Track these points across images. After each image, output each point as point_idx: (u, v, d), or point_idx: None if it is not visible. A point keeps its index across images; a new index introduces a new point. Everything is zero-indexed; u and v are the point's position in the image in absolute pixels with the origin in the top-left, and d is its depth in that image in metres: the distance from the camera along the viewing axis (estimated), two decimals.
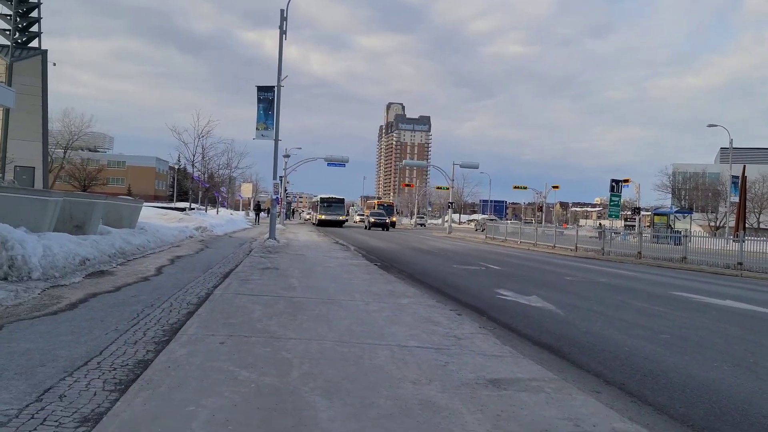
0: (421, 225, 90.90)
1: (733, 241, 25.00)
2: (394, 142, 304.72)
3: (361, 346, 5.91)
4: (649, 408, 4.99)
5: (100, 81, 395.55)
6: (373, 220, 57.59)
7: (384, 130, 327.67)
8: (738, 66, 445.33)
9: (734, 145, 47.80)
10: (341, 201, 65.54)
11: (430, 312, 8.33)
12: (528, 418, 4.07)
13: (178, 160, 71.54)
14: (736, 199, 44.31)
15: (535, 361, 5.91)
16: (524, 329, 8.21)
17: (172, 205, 62.41)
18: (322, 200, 64.17)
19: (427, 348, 6.01)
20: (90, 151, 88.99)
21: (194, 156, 46.84)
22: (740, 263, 22.29)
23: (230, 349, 5.52)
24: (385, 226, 56.68)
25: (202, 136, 45.98)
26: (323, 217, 60.86)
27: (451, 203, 65.97)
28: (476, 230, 69.62)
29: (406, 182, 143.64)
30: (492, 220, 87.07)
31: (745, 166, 44.26)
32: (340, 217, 62.74)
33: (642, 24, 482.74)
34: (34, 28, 37.16)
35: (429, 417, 3.97)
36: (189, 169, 56.41)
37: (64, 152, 65.83)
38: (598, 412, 4.36)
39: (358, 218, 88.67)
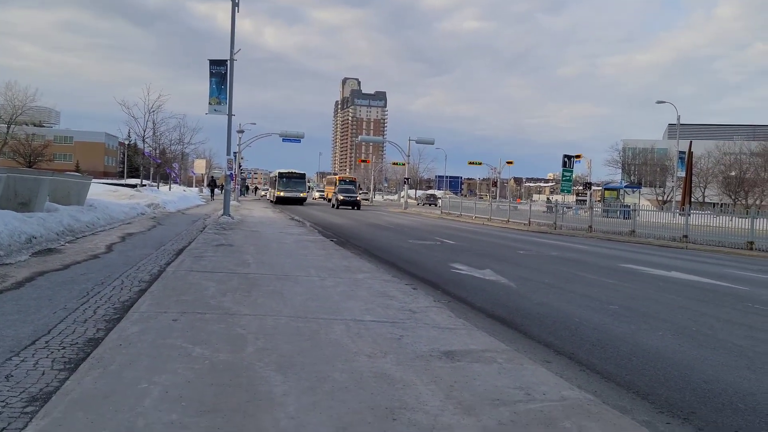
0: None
1: (680, 214, 25.81)
2: (350, 118, 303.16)
3: (316, 321, 5.92)
4: (597, 376, 5.15)
5: (46, 53, 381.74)
6: (342, 197, 50.19)
7: (340, 106, 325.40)
8: (687, 43, 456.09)
9: (682, 122, 49.02)
10: (302, 176, 59.41)
11: (386, 286, 8.38)
12: (481, 388, 4.16)
13: (129, 136, 69.83)
14: (683, 174, 45.59)
15: (488, 333, 6.02)
16: (478, 302, 8.35)
17: (122, 181, 60.99)
18: (281, 175, 57.84)
19: (382, 322, 6.05)
20: (35, 126, 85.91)
21: (145, 131, 45.83)
22: (686, 236, 23.04)
23: (183, 326, 5.46)
24: (355, 204, 50.32)
25: (153, 111, 44.98)
26: (282, 194, 55.33)
27: (407, 179, 66.00)
28: (418, 204, 75.14)
29: (363, 158, 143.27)
30: (431, 196, 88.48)
31: (691, 142, 45.49)
32: (301, 194, 57.19)
33: (595, 1, 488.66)
34: None
35: (384, 389, 4.02)
36: (140, 144, 55.14)
37: (8, 127, 63.38)
38: (548, 381, 4.47)
39: (317, 194, 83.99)
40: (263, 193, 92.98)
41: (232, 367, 4.31)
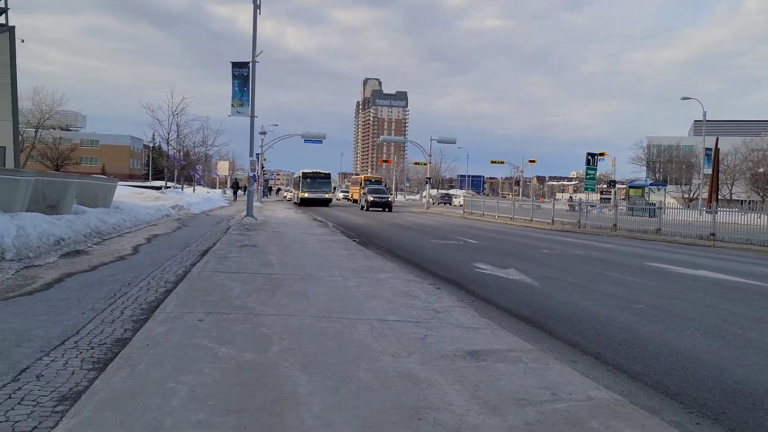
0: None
1: (706, 212, 25.44)
2: (371, 118, 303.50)
3: (340, 321, 5.93)
4: (624, 376, 5.10)
5: (71, 58, 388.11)
6: (372, 198, 44.94)
7: (361, 106, 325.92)
8: (712, 39, 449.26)
9: (707, 118, 48.33)
10: (327, 177, 55.62)
11: (409, 286, 8.37)
12: (506, 388, 4.13)
13: (153, 138, 70.63)
14: (709, 171, 44.94)
15: (512, 332, 5.98)
16: (502, 302, 8.30)
17: (147, 183, 61.73)
18: (305, 175, 54.27)
19: (406, 322, 6.05)
20: (62, 130, 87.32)
21: (169, 134, 46.21)
22: (713, 234, 22.69)
23: (209, 326, 5.51)
24: (387, 206, 44.96)
25: (177, 114, 45.34)
26: (306, 195, 52.01)
27: (429, 179, 65.82)
28: (433, 203, 69.68)
29: (384, 158, 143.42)
30: (445, 195, 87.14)
31: (718, 139, 44.80)
32: (326, 195, 53.63)
33: None
34: (0, 4, 36.14)
35: (409, 389, 4.01)
36: (164, 147, 55.75)
37: (36, 131, 64.47)
38: (574, 381, 4.43)
39: (341, 195, 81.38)
40: (286, 194, 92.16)
41: (258, 367, 4.34)
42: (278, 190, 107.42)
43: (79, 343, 4.95)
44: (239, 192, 61.14)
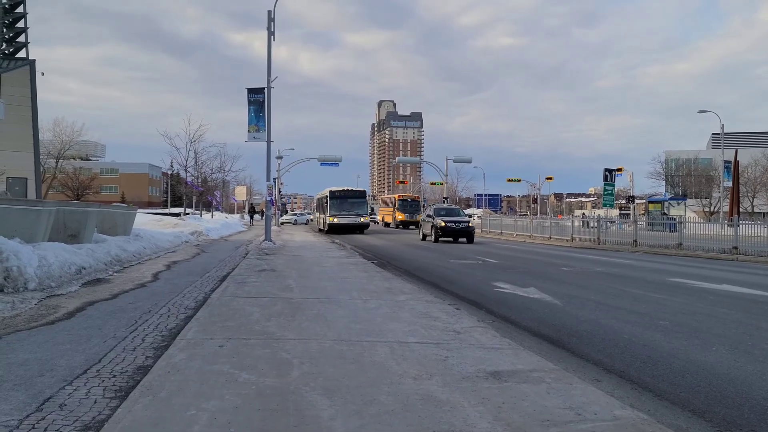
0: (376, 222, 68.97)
1: (728, 225, 25.10)
2: (386, 140, 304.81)
3: (360, 344, 5.90)
4: (649, 394, 5.01)
5: (89, 88, 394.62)
6: (444, 224, 30.31)
7: (376, 128, 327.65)
8: (727, 50, 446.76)
9: (725, 130, 47.98)
10: (361, 195, 45.12)
11: (428, 307, 8.33)
12: (529, 409, 4.08)
13: (171, 166, 71.44)
14: (730, 184, 44.46)
15: (534, 352, 5.92)
16: (523, 321, 8.23)
17: (166, 210, 62.35)
18: (333, 195, 43.47)
19: (426, 343, 6.01)
20: (82, 159, 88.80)
21: (187, 161, 46.88)
22: (735, 247, 22.38)
23: (229, 351, 5.51)
24: (467, 236, 30.48)
25: (194, 141, 46.02)
26: (336, 220, 42.11)
27: (446, 198, 65.85)
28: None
29: (400, 179, 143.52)
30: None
31: (737, 151, 44.38)
32: (361, 219, 42.83)
33: (630, 11, 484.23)
34: (21, 38, 37.00)
35: (431, 412, 3.97)
36: (182, 174, 56.42)
37: (56, 162, 65.58)
38: (599, 400, 4.36)
39: (381, 217, 70.03)
40: (311, 217, 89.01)
41: (279, 392, 4.33)
42: (285, 211, 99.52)
43: (101, 371, 4.97)
44: (256, 216, 61.54)
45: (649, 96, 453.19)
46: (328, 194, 43.57)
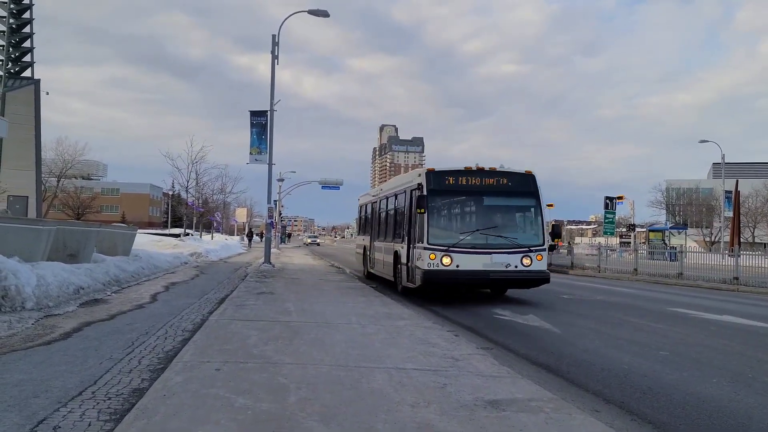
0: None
1: (729, 255, 25.06)
2: (387, 164, 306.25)
3: (358, 370, 5.86)
4: (649, 426, 4.96)
5: (94, 109, 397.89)
6: None
7: (378, 152, 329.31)
8: (729, 82, 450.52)
9: (726, 160, 48.10)
10: (525, 187, 13.98)
11: (427, 333, 8.28)
12: None
13: (173, 186, 71.48)
14: (730, 214, 44.45)
15: (533, 380, 5.87)
16: (522, 349, 8.17)
17: (166, 231, 62.27)
18: (439, 184, 13.58)
19: (424, 370, 5.96)
20: (83, 179, 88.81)
21: (188, 182, 46.82)
22: (736, 278, 22.30)
23: (226, 375, 5.47)
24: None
25: (196, 162, 46.00)
26: (449, 261, 12.89)
27: None
28: None
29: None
30: None
31: (737, 181, 44.45)
32: (523, 261, 13.18)
33: (632, 42, 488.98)
34: (27, 58, 37.34)
35: None
36: (183, 195, 56.45)
37: (58, 181, 65.61)
38: (598, 431, 4.32)
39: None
40: (307, 239, 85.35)
41: (275, 418, 4.28)
42: (289, 235, 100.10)
43: (97, 393, 4.93)
44: (255, 238, 61.56)
45: (651, 126, 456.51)
46: (419, 182, 13.90)
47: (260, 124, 24.78)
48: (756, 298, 18.36)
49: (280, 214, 59.61)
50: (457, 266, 12.80)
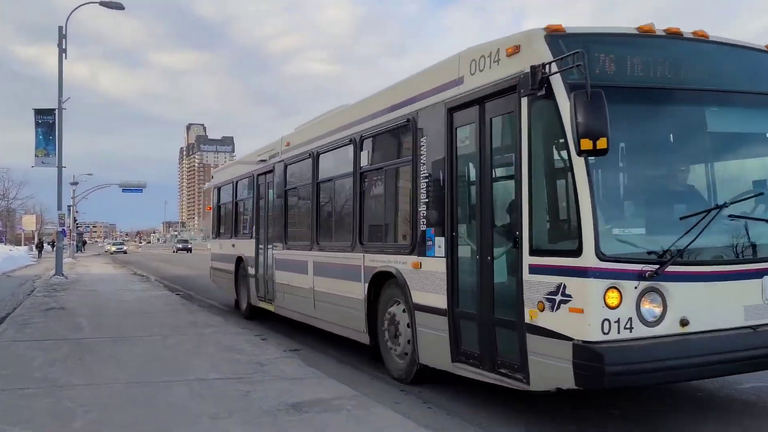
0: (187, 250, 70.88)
1: None
2: (196, 164, 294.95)
3: (156, 385, 5.58)
4: (443, 412, 5.24)
5: None
6: None
7: (185, 152, 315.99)
8: None
9: None
10: None
11: (235, 340, 8.10)
12: None
13: None
14: None
15: (338, 380, 5.94)
16: (330, 349, 8.25)
17: None
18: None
19: (228, 379, 5.83)
20: None
21: None
22: None
23: (2, 405, 4.91)
24: None
25: None
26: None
27: None
28: None
29: (211, 205, 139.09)
30: None
31: None
32: None
33: (434, 46, 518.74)
34: None
35: None
36: None
37: None
38: (397, 423, 4.50)
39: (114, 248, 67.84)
40: (111, 247, 78.56)
41: None
42: (84, 243, 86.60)
43: None
44: (47, 247, 56.34)
45: None
46: (520, 71, 4.64)
47: (47, 123, 22.64)
48: None
49: (75, 220, 54.91)
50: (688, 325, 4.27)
